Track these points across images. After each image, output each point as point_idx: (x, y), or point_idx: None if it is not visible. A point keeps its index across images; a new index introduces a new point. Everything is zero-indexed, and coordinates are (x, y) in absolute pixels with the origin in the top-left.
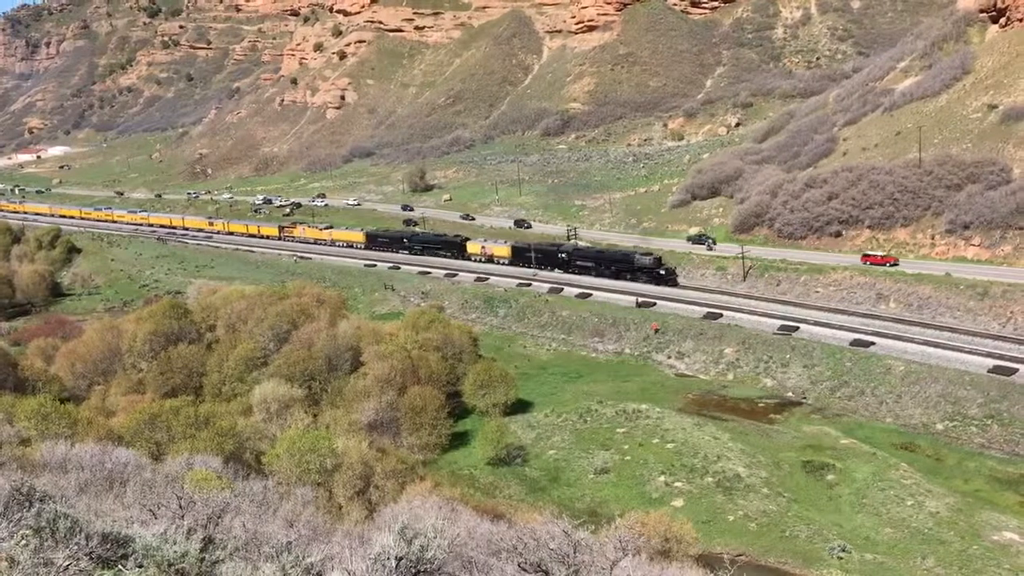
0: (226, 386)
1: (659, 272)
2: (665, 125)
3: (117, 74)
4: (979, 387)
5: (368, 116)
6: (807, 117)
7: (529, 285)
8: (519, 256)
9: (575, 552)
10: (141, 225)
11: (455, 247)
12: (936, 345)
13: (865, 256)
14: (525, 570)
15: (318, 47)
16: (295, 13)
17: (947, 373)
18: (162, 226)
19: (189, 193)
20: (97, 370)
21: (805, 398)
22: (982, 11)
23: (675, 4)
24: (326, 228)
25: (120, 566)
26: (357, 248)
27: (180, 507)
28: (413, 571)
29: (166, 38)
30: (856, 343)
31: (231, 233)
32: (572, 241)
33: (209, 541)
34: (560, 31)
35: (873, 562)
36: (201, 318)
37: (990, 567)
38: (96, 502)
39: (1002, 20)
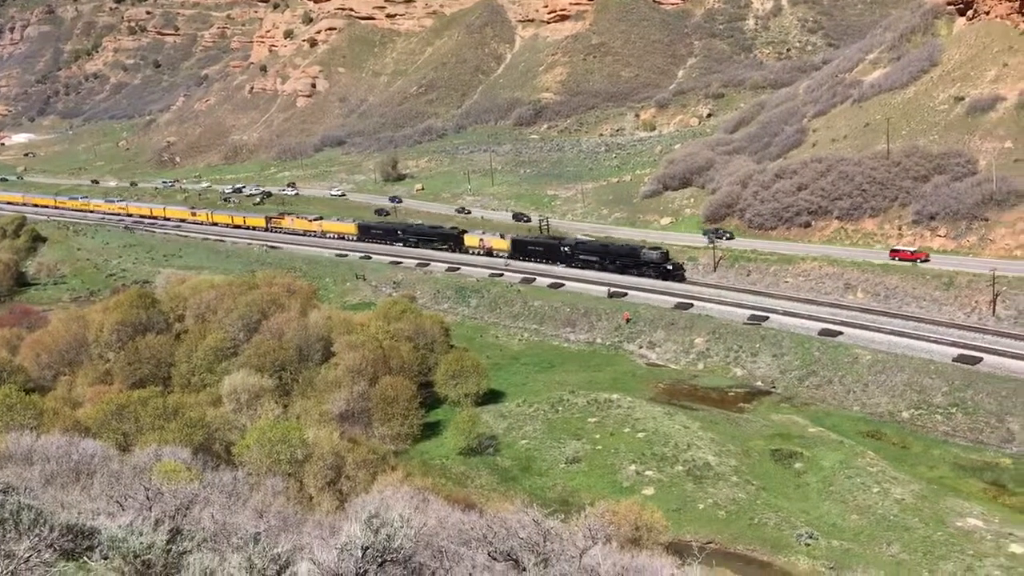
0: (195, 376)
1: (666, 267)
2: (637, 115)
3: (83, 60)
4: (944, 376)
5: (339, 104)
6: (777, 108)
7: (501, 275)
8: (519, 250)
9: (545, 541)
10: (120, 215)
11: (452, 240)
12: (902, 335)
13: (894, 252)
14: (495, 559)
15: (288, 34)
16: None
17: (913, 362)
18: (143, 216)
19: (164, 182)
20: (63, 360)
21: (774, 387)
22: (949, 4)
23: None
24: (316, 219)
25: (85, 558)
26: (349, 240)
27: (148, 498)
28: (379, 560)
29: (133, 24)
30: (824, 333)
31: (215, 224)
32: (576, 235)
33: (177, 532)
34: (533, 20)
35: (840, 548)
36: (169, 308)
37: (954, 553)
38: (62, 494)
39: (969, 13)
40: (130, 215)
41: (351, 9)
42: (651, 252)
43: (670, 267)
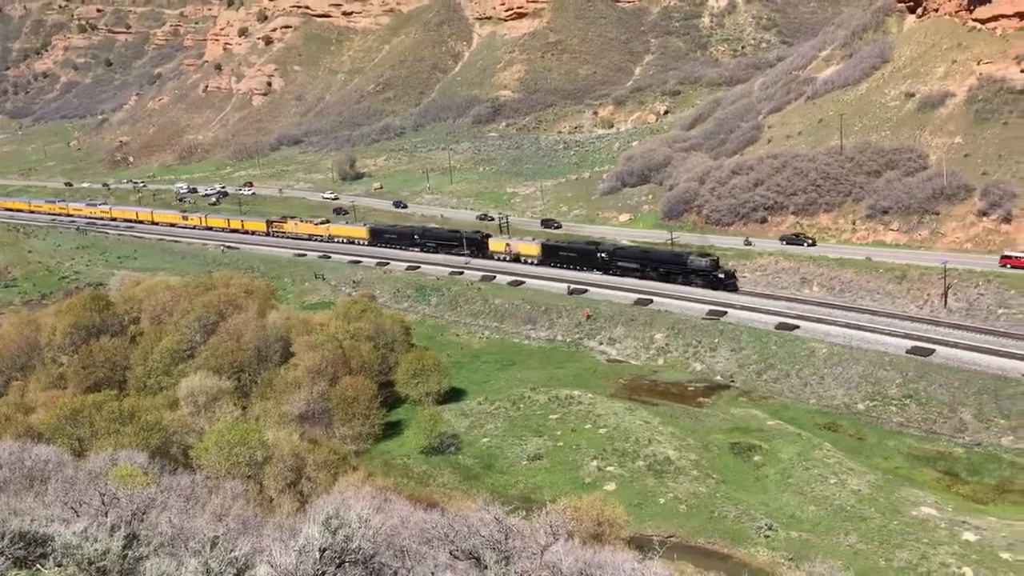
0: (151, 379)
1: (717, 275)
2: (595, 113)
3: (32, 59)
4: (898, 368)
5: (296, 103)
6: (733, 105)
7: (461, 273)
8: (550, 255)
9: (507, 538)
10: (102, 219)
11: (475, 244)
12: (857, 327)
13: (1005, 258)
14: (457, 557)
15: (243, 32)
16: None
17: (868, 354)
18: (126, 220)
19: (134, 182)
20: (15, 365)
21: (733, 381)
22: (900, 1)
23: None
24: (322, 223)
25: (39, 565)
26: (359, 244)
27: (103, 504)
28: (338, 562)
29: (83, 22)
30: (781, 327)
31: (209, 228)
32: (613, 240)
33: (133, 538)
34: (490, 18)
35: (798, 539)
36: (124, 310)
37: (908, 541)
38: (15, 500)
39: (919, 10)
40: (113, 219)
41: (307, 7)
42: (700, 259)
43: (721, 275)
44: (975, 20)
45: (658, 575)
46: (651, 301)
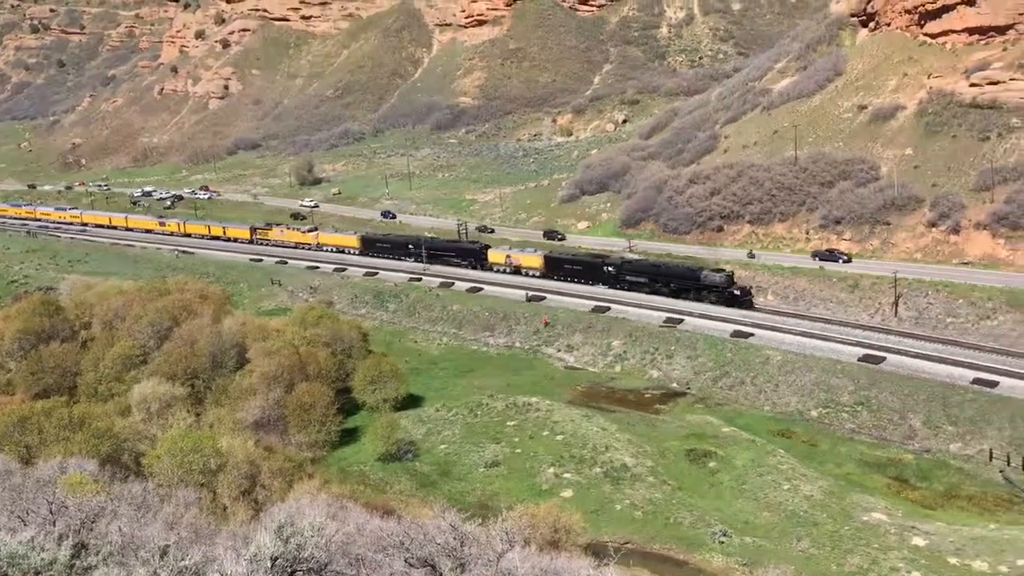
0: (103, 386)
1: (732, 292)
2: (554, 120)
3: None
4: (850, 375)
5: (253, 107)
6: (691, 115)
7: (420, 279)
8: (554, 268)
9: (462, 545)
10: (73, 224)
11: (473, 255)
12: (811, 335)
13: None
14: (412, 565)
15: (199, 34)
16: None
17: (821, 362)
18: (98, 225)
19: (99, 185)
20: None
21: (689, 388)
22: (853, 15)
23: (563, 1)
24: (310, 230)
25: None
26: (350, 253)
27: (51, 512)
28: (290, 570)
29: (35, 22)
30: (736, 334)
31: (188, 235)
32: (623, 253)
33: (81, 547)
34: (450, 25)
35: (752, 545)
36: (75, 315)
37: (859, 546)
38: None
39: (871, 24)
40: (84, 224)
41: (265, 10)
42: (714, 275)
43: (737, 292)
44: (926, 35)
45: None
46: (608, 308)
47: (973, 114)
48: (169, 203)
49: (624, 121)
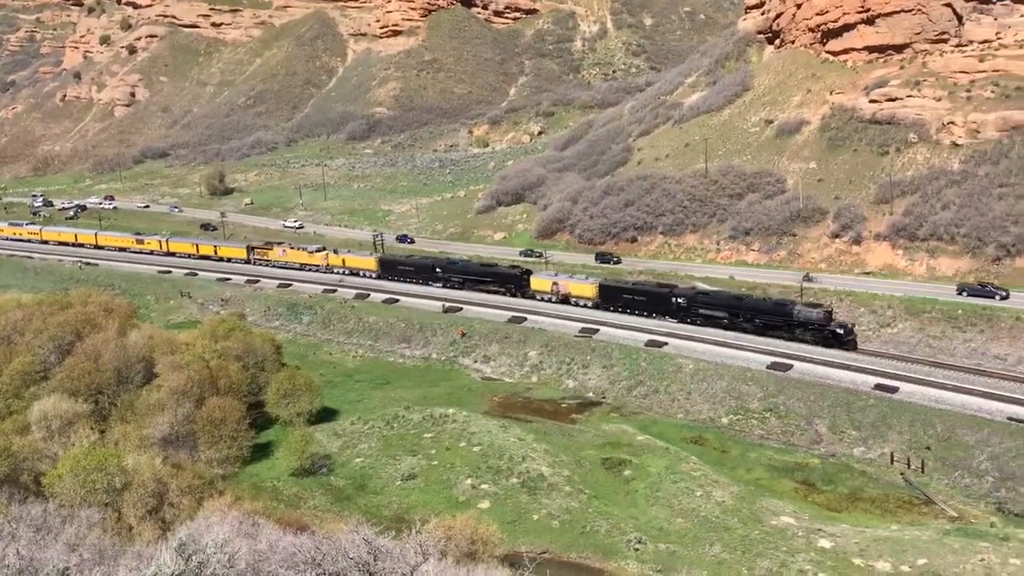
0: (0, 403)
1: (833, 331)
2: (470, 132)
3: None
4: (759, 383)
5: (161, 115)
6: (605, 127)
7: (335, 291)
8: (611, 299)
9: (376, 560)
10: (31, 241)
11: (512, 282)
12: (722, 344)
13: None
14: None
15: (105, 40)
16: (79, 3)
17: (731, 370)
18: (61, 243)
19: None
20: None
21: (605, 398)
22: (759, 33)
23: (479, 13)
24: (319, 250)
25: None
26: (366, 277)
27: None
28: None
29: None
30: (651, 344)
31: (172, 254)
32: (694, 285)
33: None
34: (365, 34)
35: (666, 551)
36: None
37: (769, 550)
38: None
39: (777, 42)
40: (44, 241)
41: (173, 16)
42: (809, 310)
43: (840, 330)
44: (828, 52)
45: None
46: (525, 319)
47: (873, 129)
48: (72, 213)
49: (540, 133)
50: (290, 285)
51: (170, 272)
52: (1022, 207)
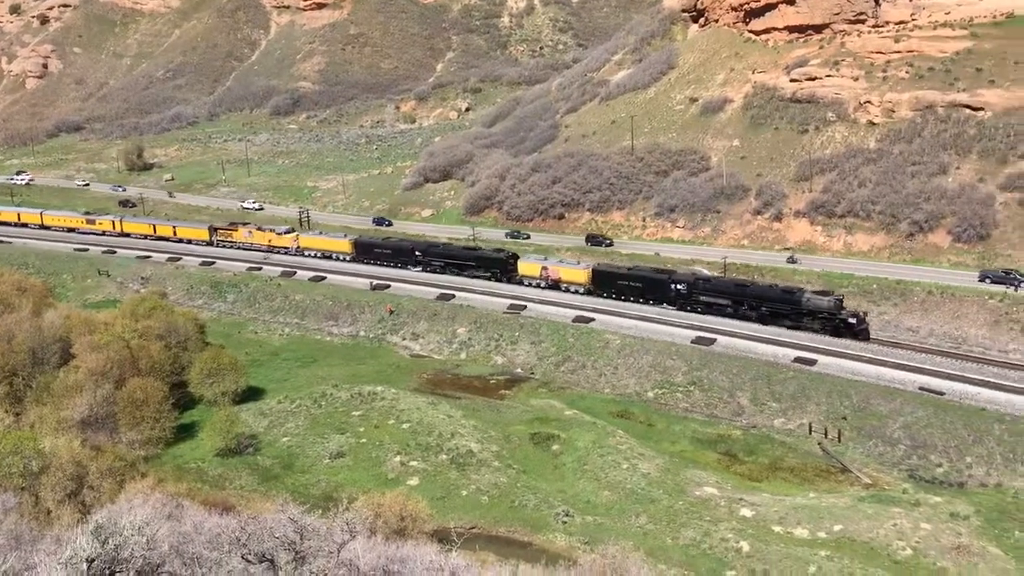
0: None
1: (845, 320)
2: (397, 108)
3: None
4: (684, 357)
5: (76, 87)
6: (532, 104)
7: (260, 269)
8: (604, 284)
9: (302, 539)
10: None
11: (497, 266)
12: (647, 319)
13: None
14: (249, 561)
15: (15, 9)
16: None
17: (657, 345)
18: (5, 223)
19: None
20: None
21: (533, 373)
22: (684, 11)
23: None
24: (287, 232)
25: None
26: (339, 259)
27: None
28: (108, 572)
29: None
30: (578, 320)
31: (126, 234)
32: (693, 269)
33: None
34: (288, 7)
35: (593, 523)
36: None
37: (693, 520)
38: None
39: (701, 20)
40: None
41: None
42: (819, 298)
43: (852, 319)
44: (751, 31)
45: (458, 566)
46: (453, 296)
47: (793, 108)
48: None
49: (467, 109)
50: (214, 263)
51: (87, 250)
52: (934, 184)
